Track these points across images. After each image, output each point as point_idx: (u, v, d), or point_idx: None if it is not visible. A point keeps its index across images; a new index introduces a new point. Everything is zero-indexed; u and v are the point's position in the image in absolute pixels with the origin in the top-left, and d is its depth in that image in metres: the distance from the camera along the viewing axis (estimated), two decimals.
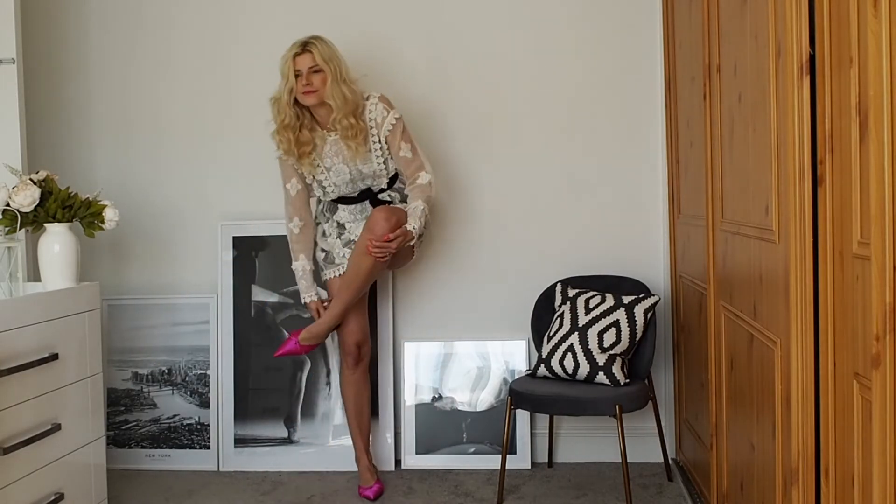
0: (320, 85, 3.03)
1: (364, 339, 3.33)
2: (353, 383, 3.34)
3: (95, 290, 2.89)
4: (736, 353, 2.49)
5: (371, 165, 3.16)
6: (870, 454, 1.57)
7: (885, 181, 1.48)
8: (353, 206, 3.23)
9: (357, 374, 3.34)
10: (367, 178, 3.19)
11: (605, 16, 3.61)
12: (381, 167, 3.18)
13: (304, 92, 3.04)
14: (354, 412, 3.36)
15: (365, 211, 3.22)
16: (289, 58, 3.06)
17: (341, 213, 3.25)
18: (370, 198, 3.23)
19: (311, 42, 3.05)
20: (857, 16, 1.60)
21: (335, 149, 3.14)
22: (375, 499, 3.26)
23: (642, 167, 3.63)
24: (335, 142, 3.14)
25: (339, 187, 3.21)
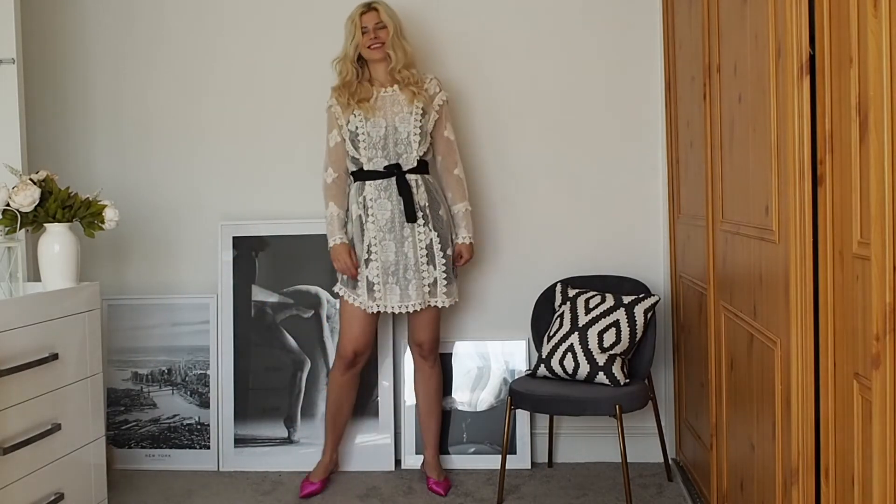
0: (386, 38, 3.24)
1: (364, 350, 3.33)
2: (341, 384, 3.36)
3: (95, 290, 2.89)
4: (736, 353, 2.49)
5: (406, 126, 3.21)
6: (870, 454, 1.57)
7: (885, 181, 1.48)
8: (378, 182, 3.21)
9: (347, 378, 3.35)
10: (400, 143, 3.21)
11: (606, 16, 3.62)
12: (415, 131, 3.22)
13: (370, 46, 3.24)
14: (333, 413, 3.40)
15: (390, 188, 3.20)
16: (355, 16, 3.26)
17: (368, 188, 3.23)
18: (397, 176, 3.22)
19: (375, 2, 3.27)
20: (857, 16, 1.60)
21: (380, 104, 3.25)
22: (304, 496, 3.30)
23: (642, 167, 3.63)
24: (383, 97, 3.26)
25: (371, 146, 3.21)
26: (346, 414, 3.43)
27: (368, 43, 3.22)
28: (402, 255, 3.20)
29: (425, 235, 3.21)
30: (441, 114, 3.30)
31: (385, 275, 3.20)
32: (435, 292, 3.23)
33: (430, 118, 3.27)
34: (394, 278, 3.20)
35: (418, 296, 3.21)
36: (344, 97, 3.24)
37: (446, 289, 3.24)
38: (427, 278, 3.21)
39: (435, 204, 3.25)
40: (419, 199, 3.22)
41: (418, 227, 3.21)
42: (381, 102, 3.25)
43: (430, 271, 3.22)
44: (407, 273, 3.21)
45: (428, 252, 3.21)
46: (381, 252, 3.20)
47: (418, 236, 3.21)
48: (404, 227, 3.20)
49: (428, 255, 3.21)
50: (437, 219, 3.24)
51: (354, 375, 3.37)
